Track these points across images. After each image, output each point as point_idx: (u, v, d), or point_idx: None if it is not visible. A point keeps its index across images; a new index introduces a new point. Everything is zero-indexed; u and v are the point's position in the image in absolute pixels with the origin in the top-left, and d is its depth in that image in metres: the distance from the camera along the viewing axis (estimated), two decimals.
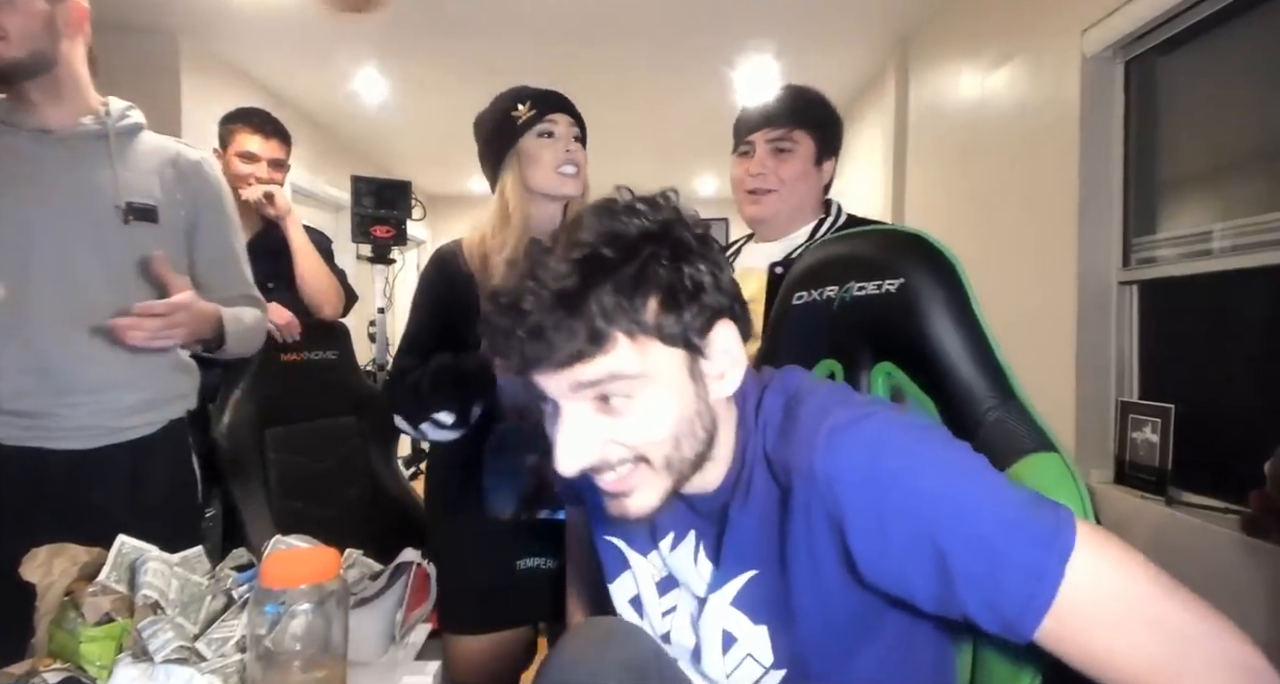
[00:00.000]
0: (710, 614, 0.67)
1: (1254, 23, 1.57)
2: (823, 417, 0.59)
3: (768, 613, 0.64)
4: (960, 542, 0.53)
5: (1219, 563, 1.47)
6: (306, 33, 2.97)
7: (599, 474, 0.62)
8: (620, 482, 0.62)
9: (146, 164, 1.23)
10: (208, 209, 1.31)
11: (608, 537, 0.78)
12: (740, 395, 0.67)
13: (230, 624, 0.82)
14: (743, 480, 0.66)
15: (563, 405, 0.60)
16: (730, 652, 0.66)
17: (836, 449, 0.57)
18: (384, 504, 1.99)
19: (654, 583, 0.74)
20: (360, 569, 1.03)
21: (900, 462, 0.56)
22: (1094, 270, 1.93)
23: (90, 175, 1.17)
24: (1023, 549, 0.52)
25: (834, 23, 2.91)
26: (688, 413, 0.61)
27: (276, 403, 1.80)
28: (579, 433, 0.60)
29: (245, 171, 1.87)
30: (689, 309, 0.59)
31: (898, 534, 0.55)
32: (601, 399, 0.59)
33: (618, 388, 0.58)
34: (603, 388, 0.58)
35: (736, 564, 0.66)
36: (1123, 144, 1.92)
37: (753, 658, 0.66)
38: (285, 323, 1.80)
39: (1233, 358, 1.69)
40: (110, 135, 1.19)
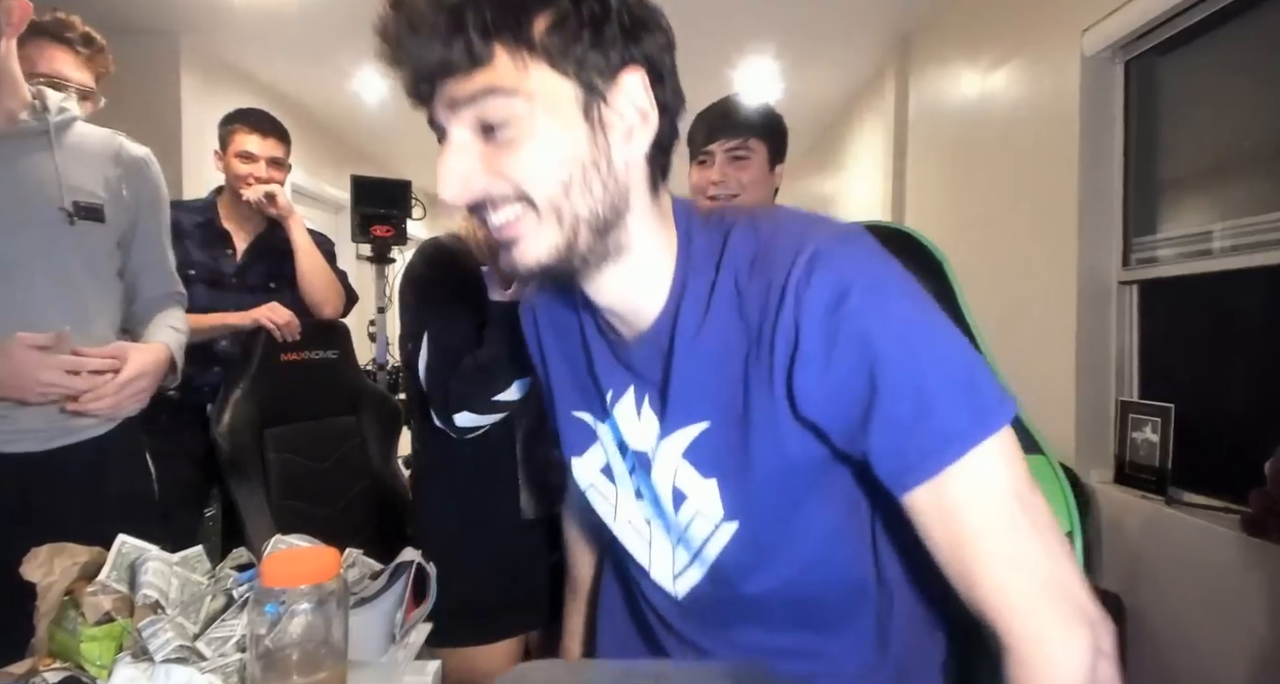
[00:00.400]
0: (660, 468, 0.66)
1: (1254, 23, 1.57)
2: (802, 243, 0.57)
3: (719, 465, 0.63)
4: (897, 384, 0.53)
5: (1219, 563, 1.47)
6: (306, 33, 2.97)
7: (488, 214, 0.59)
8: (508, 227, 0.59)
9: (90, 159, 1.19)
10: (148, 208, 1.28)
11: (574, 412, 0.76)
12: (682, 223, 0.65)
13: (230, 624, 0.82)
14: (687, 324, 0.63)
15: (449, 131, 0.58)
16: (682, 507, 0.66)
17: (810, 277, 0.55)
18: (384, 504, 1.99)
19: (616, 447, 0.73)
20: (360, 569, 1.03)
21: (867, 299, 0.54)
22: (1094, 270, 1.93)
23: (31, 172, 1.13)
24: (950, 412, 0.53)
25: (834, 23, 2.91)
26: (579, 157, 0.57)
27: (276, 402, 1.80)
28: (459, 158, 0.57)
29: (244, 171, 1.87)
30: (586, 37, 0.55)
31: (841, 363, 0.54)
32: (486, 129, 0.56)
33: (498, 110, 0.55)
34: (482, 108, 0.55)
35: (686, 415, 0.64)
36: (1123, 144, 1.92)
37: (702, 514, 0.65)
38: (285, 322, 1.80)
39: (1233, 358, 1.69)
40: (51, 131, 1.15)
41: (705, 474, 0.64)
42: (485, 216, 0.60)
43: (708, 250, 0.64)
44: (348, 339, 2.06)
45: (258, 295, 1.87)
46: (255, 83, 3.49)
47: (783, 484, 0.61)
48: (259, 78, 3.49)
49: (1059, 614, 0.52)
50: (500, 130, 0.56)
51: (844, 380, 0.55)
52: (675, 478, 0.65)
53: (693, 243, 0.64)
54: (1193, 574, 1.56)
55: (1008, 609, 0.52)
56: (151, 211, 1.30)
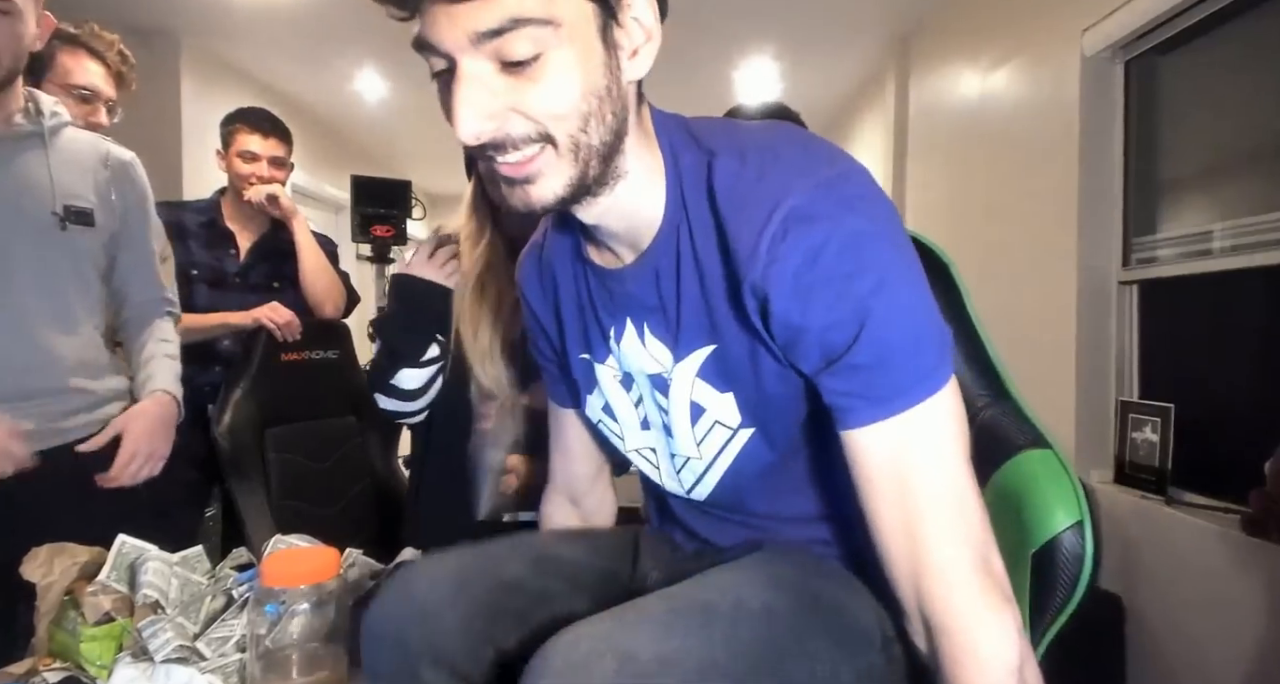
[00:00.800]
0: (677, 388, 0.68)
1: (1254, 23, 1.57)
2: (782, 194, 0.55)
3: (732, 380, 0.65)
4: (864, 341, 0.54)
5: (1219, 563, 1.47)
6: (306, 33, 2.97)
7: (501, 154, 0.55)
8: (524, 165, 0.55)
9: (80, 163, 1.21)
10: (134, 212, 1.29)
11: (580, 355, 0.76)
12: (665, 139, 0.63)
13: (230, 624, 0.82)
14: (688, 246, 0.62)
15: (461, 62, 0.52)
16: (699, 421, 0.68)
17: (785, 236, 0.55)
18: (384, 504, 1.99)
19: (617, 383, 0.74)
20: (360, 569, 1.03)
21: (840, 259, 0.54)
22: (1094, 270, 1.93)
23: (25, 175, 1.13)
24: (904, 365, 0.55)
25: (834, 23, 2.91)
26: (598, 86, 0.54)
27: (277, 402, 1.80)
28: (479, 93, 0.52)
29: (246, 171, 1.87)
30: None
31: (814, 322, 0.55)
32: (504, 63, 0.52)
33: (527, 43, 0.51)
34: (505, 41, 0.51)
35: (694, 339, 0.65)
36: (1123, 144, 1.92)
37: (720, 423, 0.67)
38: (286, 322, 1.80)
39: (1232, 358, 1.69)
40: (45, 134, 1.16)
41: (721, 389, 0.66)
42: (492, 155, 0.55)
43: (695, 171, 0.62)
44: (349, 339, 2.06)
45: (261, 295, 1.87)
46: (255, 83, 3.49)
47: (787, 393, 0.63)
48: (259, 78, 3.49)
49: (992, 595, 0.53)
50: (526, 65, 0.52)
51: (816, 334, 0.56)
52: (693, 394, 0.67)
53: (680, 162, 0.62)
54: (1193, 574, 1.56)
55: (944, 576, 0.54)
56: (138, 215, 1.31)
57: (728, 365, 0.64)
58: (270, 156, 1.90)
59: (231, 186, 1.91)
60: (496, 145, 0.55)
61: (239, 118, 1.92)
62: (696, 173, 0.61)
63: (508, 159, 0.55)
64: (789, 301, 0.55)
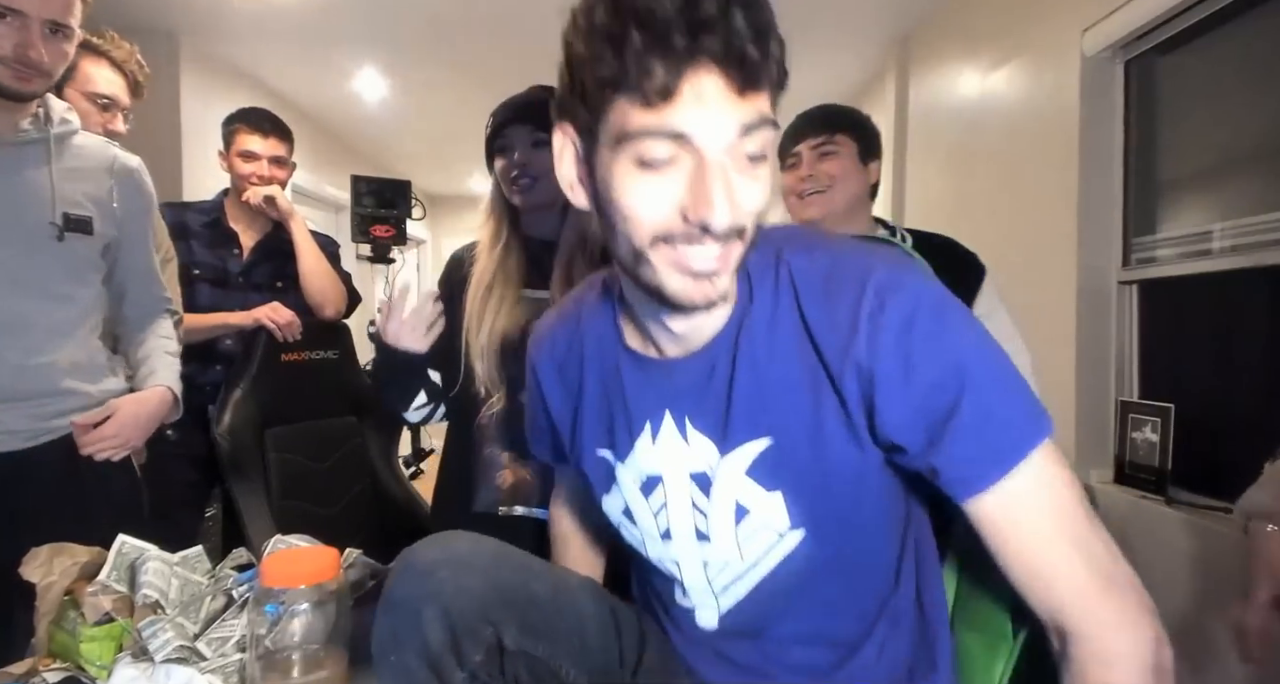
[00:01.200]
0: (721, 486, 0.66)
1: (1253, 23, 1.57)
2: (866, 271, 0.60)
3: (784, 479, 0.64)
4: (970, 398, 0.56)
5: (1219, 563, 1.47)
6: (306, 33, 2.96)
7: (696, 244, 0.56)
8: (721, 257, 0.57)
9: (83, 171, 1.23)
10: (136, 219, 1.31)
11: (598, 450, 0.75)
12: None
13: (230, 624, 0.82)
14: (749, 343, 0.64)
15: (716, 152, 0.54)
16: (743, 523, 0.66)
17: (883, 304, 0.58)
18: (384, 504, 2.00)
19: (637, 488, 0.72)
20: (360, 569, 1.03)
21: (936, 321, 0.58)
22: (1094, 270, 1.93)
23: (27, 183, 1.15)
24: (1014, 419, 0.57)
25: (834, 23, 2.91)
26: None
27: (277, 402, 1.80)
28: (727, 184, 0.54)
29: (247, 171, 1.88)
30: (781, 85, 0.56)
31: (918, 382, 0.57)
32: (749, 157, 0.55)
33: (762, 139, 0.55)
34: (753, 137, 0.54)
35: (748, 432, 0.64)
36: (1123, 144, 1.92)
37: (767, 525, 0.65)
38: (287, 322, 1.80)
39: (1232, 358, 1.69)
40: (50, 141, 1.18)
41: (769, 488, 0.65)
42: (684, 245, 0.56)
43: (763, 268, 0.64)
44: (349, 339, 2.06)
45: (263, 295, 1.88)
46: (255, 83, 3.49)
47: (854, 495, 0.64)
48: (259, 78, 3.49)
49: (1125, 603, 0.55)
50: (757, 162, 0.56)
51: (922, 398, 0.57)
52: (738, 493, 0.66)
53: (747, 259, 0.62)
54: (1193, 574, 1.56)
55: (1079, 599, 0.55)
56: (140, 222, 1.33)
57: (783, 460, 0.64)
58: (271, 156, 1.90)
59: (234, 187, 1.92)
60: (696, 236, 0.55)
61: (240, 118, 1.93)
62: (764, 268, 0.64)
63: (706, 251, 0.56)
64: (894, 368, 0.58)
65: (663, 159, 0.54)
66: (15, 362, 1.13)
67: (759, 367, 0.64)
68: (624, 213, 0.57)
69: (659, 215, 0.56)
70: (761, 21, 0.52)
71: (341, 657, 0.74)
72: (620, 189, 0.56)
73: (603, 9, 0.53)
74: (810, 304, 0.62)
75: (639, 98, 0.52)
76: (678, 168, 0.55)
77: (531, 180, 1.21)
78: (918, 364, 0.57)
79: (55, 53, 1.12)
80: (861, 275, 0.59)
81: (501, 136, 1.23)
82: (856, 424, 0.61)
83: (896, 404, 0.58)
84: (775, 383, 0.63)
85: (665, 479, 0.70)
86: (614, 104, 0.54)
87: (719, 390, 0.65)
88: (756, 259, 0.63)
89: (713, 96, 0.52)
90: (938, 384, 0.57)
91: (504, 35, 2.97)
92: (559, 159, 0.64)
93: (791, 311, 0.63)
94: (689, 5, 0.50)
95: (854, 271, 0.60)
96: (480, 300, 1.20)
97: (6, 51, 1.07)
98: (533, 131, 1.21)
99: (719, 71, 0.52)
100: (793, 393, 0.62)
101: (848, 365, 0.59)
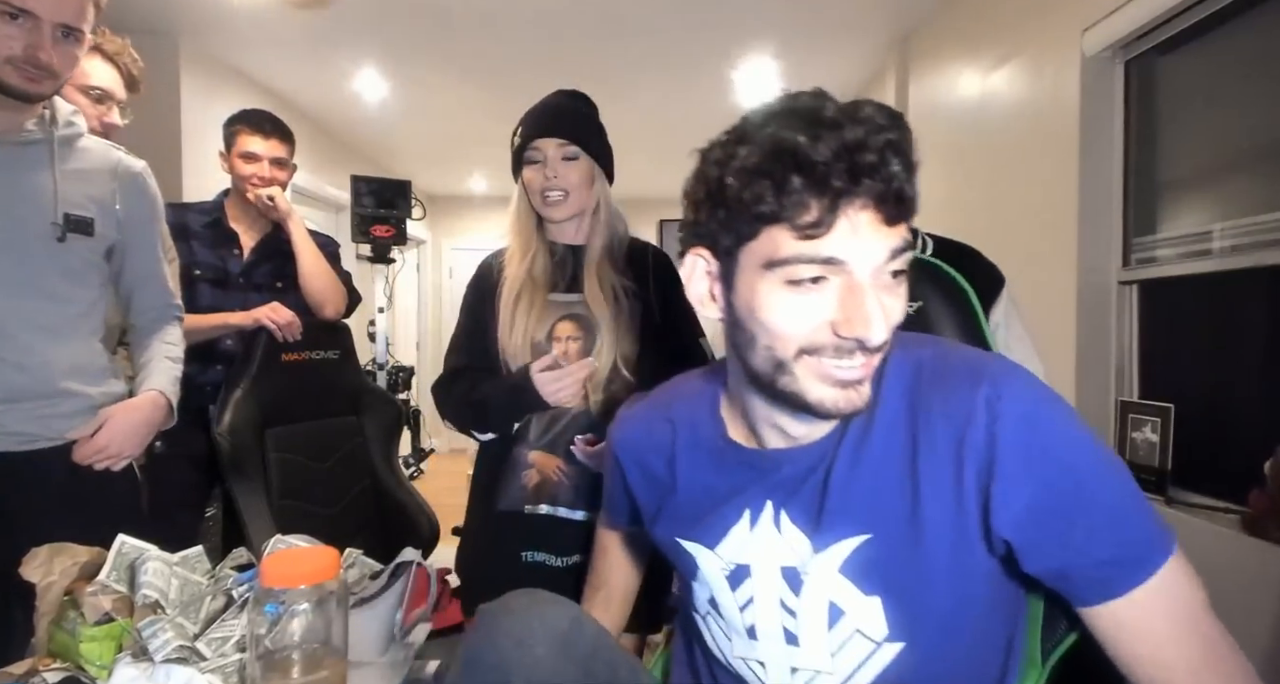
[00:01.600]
0: (814, 584, 0.64)
1: (1253, 23, 1.57)
2: (980, 368, 0.60)
3: (883, 581, 0.62)
4: (1095, 501, 0.56)
5: (1219, 563, 1.47)
6: (306, 33, 2.96)
7: (846, 358, 0.59)
8: (865, 366, 0.60)
9: (87, 173, 1.23)
10: (142, 223, 1.32)
11: (679, 540, 0.73)
12: None
13: (230, 624, 0.82)
14: (852, 437, 0.64)
15: (869, 274, 0.57)
16: (837, 626, 0.64)
17: (1000, 399, 0.57)
18: (384, 504, 2.00)
19: (724, 577, 0.70)
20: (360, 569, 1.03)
21: (1055, 422, 0.57)
22: (1094, 270, 1.93)
23: (29, 183, 1.16)
24: (1146, 527, 0.57)
25: (834, 23, 2.91)
26: None
27: (278, 402, 1.80)
28: (879, 303, 0.57)
29: (248, 172, 1.88)
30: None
31: (1038, 480, 0.56)
32: (885, 273, 0.58)
33: (903, 260, 0.58)
34: (899, 259, 0.58)
35: (845, 527, 0.63)
36: (1123, 144, 1.92)
37: (862, 633, 0.63)
38: (287, 322, 1.80)
39: (1232, 358, 1.69)
40: (54, 142, 1.18)
41: (868, 591, 0.62)
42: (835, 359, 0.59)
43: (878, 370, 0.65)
44: (350, 339, 2.06)
45: (264, 295, 1.88)
46: (255, 83, 3.49)
47: (960, 601, 0.62)
48: (259, 78, 3.49)
49: None
50: (899, 278, 0.59)
51: (1046, 493, 0.56)
52: (832, 592, 0.64)
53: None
54: None
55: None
56: (147, 225, 1.33)
57: (882, 560, 0.62)
58: (272, 157, 1.90)
59: (234, 187, 1.92)
60: (847, 351, 0.58)
61: (241, 119, 1.93)
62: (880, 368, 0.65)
63: (854, 362, 0.59)
64: (1016, 459, 0.57)
65: (810, 277, 0.57)
66: (13, 361, 1.13)
67: (861, 460, 0.63)
68: (770, 328, 0.59)
69: (806, 330, 0.58)
70: (911, 162, 0.57)
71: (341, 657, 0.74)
72: (766, 307, 0.59)
73: (758, 151, 0.56)
74: (920, 395, 0.62)
75: (792, 230, 0.56)
76: (827, 286, 0.58)
77: (564, 194, 1.24)
78: (1040, 457, 0.56)
79: (65, 56, 1.13)
80: (975, 366, 0.60)
81: (532, 148, 1.24)
82: (967, 520, 0.59)
83: (1017, 497, 0.57)
84: (877, 476, 0.62)
85: (754, 571, 0.68)
86: (764, 232, 0.57)
87: (817, 482, 0.65)
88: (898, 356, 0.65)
89: (866, 230, 0.56)
90: (1063, 480, 0.56)
91: (504, 35, 2.97)
92: (689, 278, 0.66)
93: (898, 404, 0.63)
94: (848, 151, 0.54)
95: (967, 362, 0.61)
96: (511, 307, 1.24)
97: (16, 52, 1.07)
98: (563, 145, 1.24)
99: (874, 208, 0.56)
100: (896, 486, 0.61)
101: (965, 455, 0.58)
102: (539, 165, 1.24)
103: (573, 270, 1.28)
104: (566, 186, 1.24)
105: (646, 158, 5.12)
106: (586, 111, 1.32)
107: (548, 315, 1.24)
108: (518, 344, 1.22)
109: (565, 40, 3.03)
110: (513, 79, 3.33)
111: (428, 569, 1.04)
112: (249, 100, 2.95)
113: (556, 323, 1.25)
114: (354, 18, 2.80)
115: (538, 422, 1.24)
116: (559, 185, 1.23)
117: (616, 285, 1.25)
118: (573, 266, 1.28)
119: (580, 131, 1.27)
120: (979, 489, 0.58)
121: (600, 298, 1.23)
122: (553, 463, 1.22)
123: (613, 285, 1.25)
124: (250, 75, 3.44)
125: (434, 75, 3.44)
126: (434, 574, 1.07)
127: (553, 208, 1.25)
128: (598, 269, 1.25)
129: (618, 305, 1.24)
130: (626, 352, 1.24)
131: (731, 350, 0.67)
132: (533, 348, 1.23)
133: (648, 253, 1.35)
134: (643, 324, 1.26)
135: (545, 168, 1.24)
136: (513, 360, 1.23)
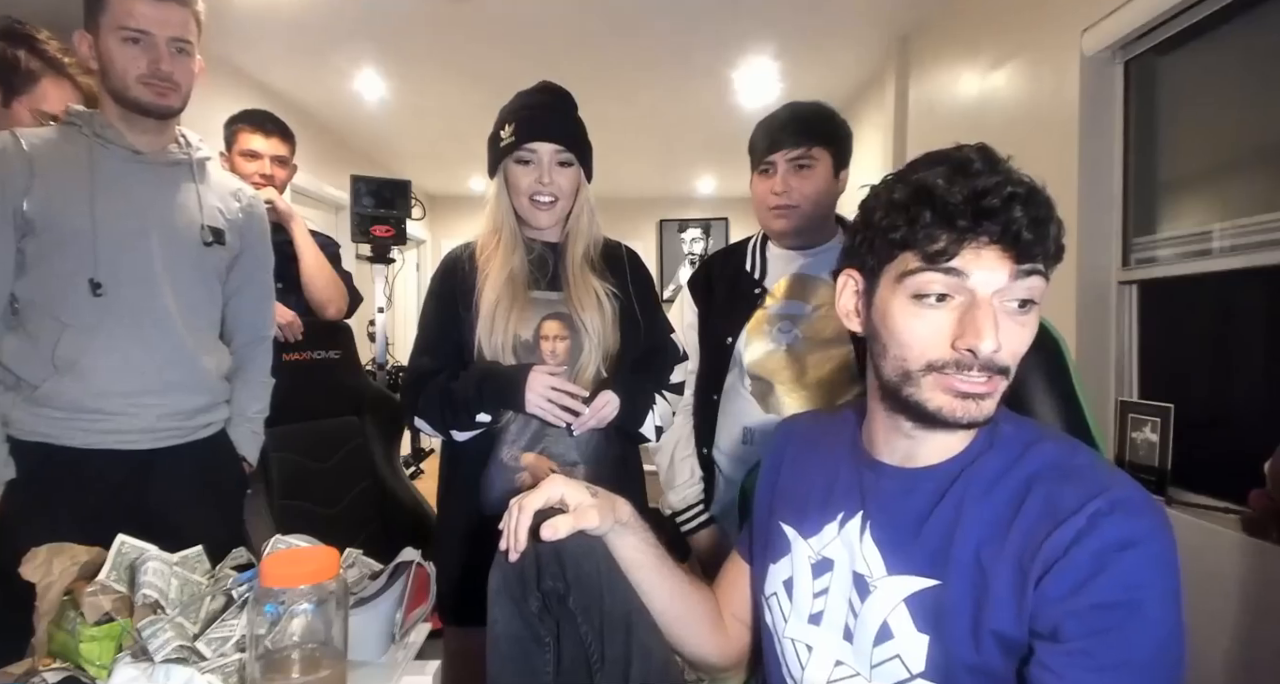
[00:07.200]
0: (879, 600, 0.68)
1: (1253, 23, 1.57)
2: (1111, 481, 0.62)
3: (938, 626, 0.65)
4: (1129, 639, 0.57)
5: (1219, 563, 1.47)
6: (306, 33, 2.97)
7: (965, 373, 0.64)
8: (988, 384, 0.64)
9: (218, 191, 1.38)
10: (256, 244, 1.45)
11: (781, 522, 0.81)
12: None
13: (230, 624, 0.82)
14: (968, 488, 0.67)
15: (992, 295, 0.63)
16: (882, 645, 0.68)
17: (1109, 512, 0.59)
18: (385, 504, 2.00)
19: (809, 565, 0.77)
20: (360, 569, 1.03)
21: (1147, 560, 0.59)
22: (1094, 270, 1.93)
23: (178, 198, 1.31)
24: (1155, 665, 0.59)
25: (834, 22, 2.91)
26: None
27: (279, 402, 1.79)
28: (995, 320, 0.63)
29: (249, 170, 1.88)
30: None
31: (1097, 588, 0.58)
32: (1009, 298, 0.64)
33: (1036, 287, 0.65)
34: (1027, 284, 0.64)
35: (923, 565, 0.66)
36: (1123, 144, 1.92)
37: (902, 660, 0.66)
38: (288, 323, 1.81)
39: (1232, 358, 1.69)
40: (193, 164, 1.34)
41: (920, 628, 0.66)
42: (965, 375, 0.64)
43: (1014, 438, 0.69)
44: (350, 339, 2.06)
45: None
46: (255, 83, 3.49)
47: (997, 667, 0.63)
48: (259, 78, 3.49)
49: None
50: (1028, 308, 0.65)
51: (1085, 601, 0.58)
52: (891, 615, 0.68)
53: (999, 425, 0.69)
54: (1193, 574, 1.55)
55: None
56: (260, 251, 1.47)
57: (941, 608, 0.65)
58: (273, 155, 1.91)
59: None
60: (966, 363, 0.64)
61: (242, 118, 1.93)
62: (1018, 436, 0.69)
63: (975, 377, 0.64)
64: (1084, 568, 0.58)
65: (938, 293, 0.64)
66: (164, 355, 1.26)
67: (964, 513, 0.66)
68: (900, 339, 0.66)
69: (931, 344, 0.64)
70: (1039, 213, 0.63)
71: (341, 657, 0.74)
72: (897, 319, 0.66)
73: (904, 188, 0.66)
74: (1042, 483, 0.64)
75: (922, 256, 0.64)
76: (952, 304, 0.64)
77: (553, 199, 1.25)
78: (1109, 577, 0.58)
79: (183, 69, 1.26)
80: (1105, 482, 0.61)
81: (525, 148, 1.23)
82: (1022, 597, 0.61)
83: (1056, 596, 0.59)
84: (970, 535, 0.65)
85: (835, 566, 0.74)
86: (900, 256, 0.66)
87: (914, 512, 0.69)
88: (1010, 428, 0.70)
89: (989, 256, 0.63)
90: (1114, 608, 0.58)
91: (503, 35, 2.97)
92: (840, 294, 0.75)
93: (1021, 481, 0.65)
94: (976, 195, 0.62)
95: (1098, 477, 0.62)
96: (493, 304, 1.23)
97: (143, 70, 1.21)
98: (560, 151, 1.24)
99: (995, 246, 0.62)
100: (984, 551, 0.63)
101: (1044, 546, 0.60)
102: (531, 166, 1.24)
103: (553, 268, 1.28)
104: (557, 192, 1.24)
105: (646, 158, 5.13)
106: (575, 114, 1.31)
107: (532, 313, 1.24)
108: (497, 343, 1.21)
109: (565, 40, 3.03)
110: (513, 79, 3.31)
111: (428, 569, 1.04)
112: (249, 100, 2.95)
113: (543, 321, 1.25)
114: (354, 18, 2.80)
115: (517, 421, 1.23)
116: (551, 190, 1.24)
117: (599, 289, 1.26)
118: (553, 264, 1.29)
119: (576, 138, 1.27)
120: (1034, 578, 0.60)
121: (585, 302, 1.24)
122: (546, 465, 1.22)
123: (595, 290, 1.26)
124: (250, 75, 3.44)
125: (434, 75, 3.44)
126: (434, 574, 1.07)
127: (541, 211, 1.25)
128: (581, 273, 1.26)
129: (601, 310, 1.25)
130: (609, 351, 1.26)
131: (870, 362, 0.74)
132: (518, 345, 1.22)
133: (623, 252, 1.36)
134: (623, 323, 1.28)
135: (538, 170, 1.23)
136: (492, 357, 1.22)
